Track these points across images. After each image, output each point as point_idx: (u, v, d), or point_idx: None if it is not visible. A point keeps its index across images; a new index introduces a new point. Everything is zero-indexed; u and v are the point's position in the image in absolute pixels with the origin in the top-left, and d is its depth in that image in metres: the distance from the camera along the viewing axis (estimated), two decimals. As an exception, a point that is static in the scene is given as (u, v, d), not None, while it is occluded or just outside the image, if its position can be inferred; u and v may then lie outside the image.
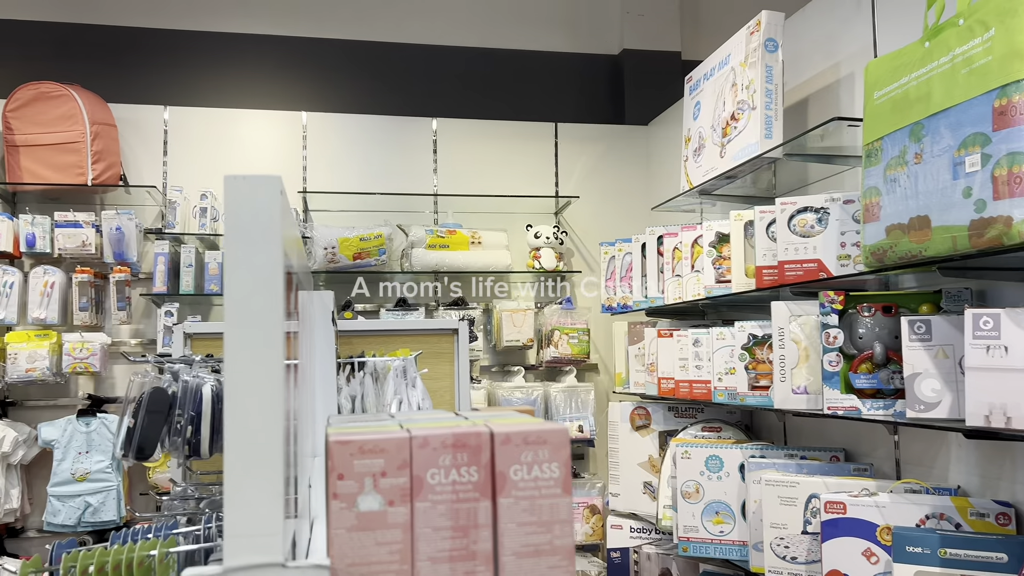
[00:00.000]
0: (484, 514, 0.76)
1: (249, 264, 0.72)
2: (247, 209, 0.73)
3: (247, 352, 0.71)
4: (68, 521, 3.67)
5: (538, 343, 4.27)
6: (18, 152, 3.82)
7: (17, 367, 3.69)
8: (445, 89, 4.70)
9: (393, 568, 0.74)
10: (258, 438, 0.70)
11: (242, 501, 0.69)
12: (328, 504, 0.75)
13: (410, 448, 0.76)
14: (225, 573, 0.69)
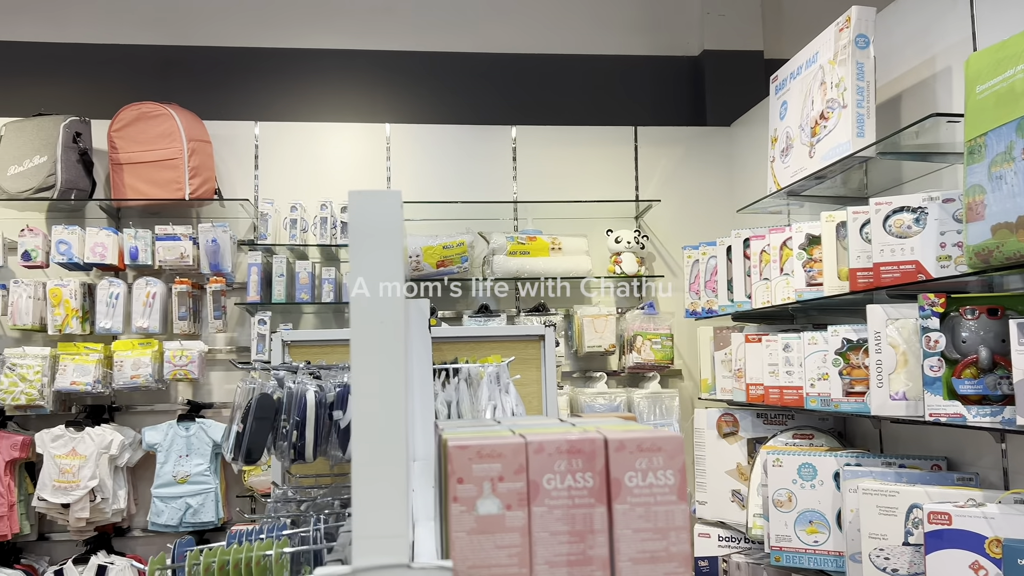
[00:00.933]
0: (600, 520, 0.77)
1: (373, 274, 0.75)
2: (370, 221, 0.76)
3: (373, 358, 0.74)
4: (170, 521, 3.84)
5: (620, 349, 4.25)
6: (122, 170, 4.03)
7: (123, 374, 3.89)
8: (524, 96, 4.74)
9: (512, 571, 0.76)
10: (383, 442, 0.73)
11: (369, 503, 0.72)
12: (448, 507, 0.77)
13: (526, 453, 0.77)
14: (354, 573, 0.71)
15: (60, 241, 3.90)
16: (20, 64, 4.39)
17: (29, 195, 3.92)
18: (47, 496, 3.74)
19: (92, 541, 3.87)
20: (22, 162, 3.92)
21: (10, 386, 3.75)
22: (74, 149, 3.98)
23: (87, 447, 3.77)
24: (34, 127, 3.96)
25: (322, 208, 4.15)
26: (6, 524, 3.71)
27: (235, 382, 4.24)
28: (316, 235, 4.16)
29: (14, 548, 3.90)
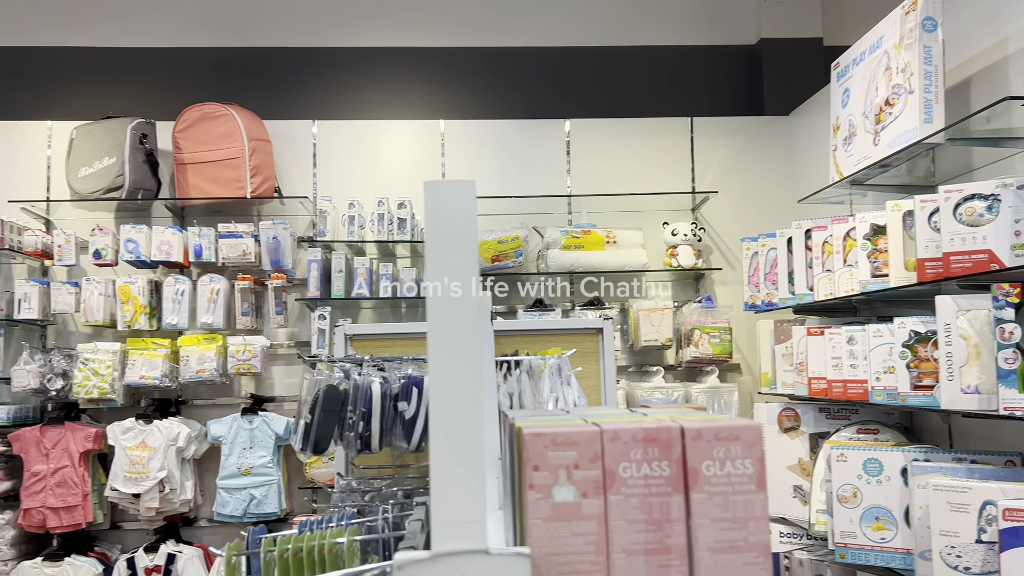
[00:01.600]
0: (677, 509, 0.77)
1: (448, 263, 0.76)
2: (445, 212, 0.77)
3: (449, 348, 0.75)
4: (235, 512, 3.94)
5: (677, 343, 4.21)
6: (186, 169, 4.14)
7: (189, 368, 4.00)
8: (577, 90, 4.72)
9: (589, 559, 0.76)
10: (461, 429, 0.74)
11: (448, 490, 0.73)
12: (524, 494, 0.77)
13: (601, 442, 0.77)
14: (434, 558, 0.72)
15: (128, 240, 4.03)
16: (89, 69, 4.54)
17: (99, 195, 4.05)
18: (119, 486, 3.87)
19: (161, 530, 3.99)
20: (92, 164, 4.06)
21: (83, 380, 3.89)
22: (141, 150, 4.10)
23: (156, 439, 3.89)
24: (103, 130, 4.09)
25: (379, 204, 4.20)
26: (80, 513, 3.85)
27: (296, 376, 4.33)
28: (373, 231, 4.21)
29: (88, 536, 4.04)
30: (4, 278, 4.23)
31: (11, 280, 4.19)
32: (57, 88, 4.52)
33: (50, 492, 3.82)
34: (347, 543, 1.18)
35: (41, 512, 3.80)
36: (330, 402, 1.65)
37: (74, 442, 3.88)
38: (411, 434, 1.66)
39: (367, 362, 1.76)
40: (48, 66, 4.53)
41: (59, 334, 4.24)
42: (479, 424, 0.74)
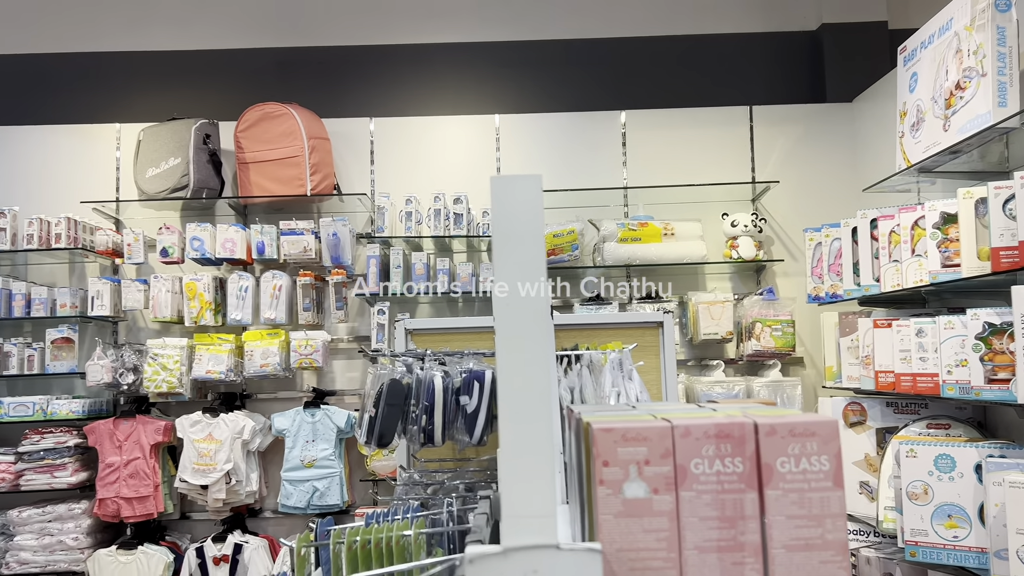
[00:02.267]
0: (751, 505, 0.75)
1: (515, 258, 0.76)
2: (511, 207, 0.77)
3: (518, 341, 0.75)
4: (299, 504, 4.02)
5: (737, 336, 4.14)
6: (248, 168, 4.23)
7: (253, 363, 4.09)
8: (633, 81, 4.67)
9: (661, 555, 0.75)
10: (531, 423, 0.74)
11: (518, 485, 0.73)
12: (594, 490, 0.77)
13: (672, 437, 0.76)
14: (505, 552, 0.73)
15: (194, 238, 4.14)
16: (154, 72, 4.67)
17: (165, 195, 4.17)
18: (188, 477, 3.98)
19: (228, 521, 4.10)
20: (158, 164, 4.18)
21: (153, 375, 4.02)
22: (204, 150, 4.21)
23: (222, 432, 4.00)
24: (168, 131, 4.21)
25: (435, 200, 4.23)
26: (152, 503, 3.98)
27: (356, 371, 4.39)
28: (430, 227, 4.24)
29: (159, 526, 4.18)
30: (78, 276, 4.39)
31: (84, 278, 4.35)
32: (124, 92, 4.66)
33: (123, 483, 3.95)
34: (414, 536, 1.20)
35: (115, 502, 3.94)
36: (394, 396, 1.67)
37: (145, 435, 4.01)
38: (473, 428, 1.67)
39: (429, 356, 1.78)
40: (116, 71, 4.68)
41: (129, 330, 4.38)
42: (549, 420, 0.74)
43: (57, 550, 3.90)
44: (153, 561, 3.90)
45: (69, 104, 4.62)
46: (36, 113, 4.57)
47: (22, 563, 3.88)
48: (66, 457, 3.97)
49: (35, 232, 4.08)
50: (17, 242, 4.11)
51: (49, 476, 3.94)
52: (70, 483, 3.95)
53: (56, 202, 4.33)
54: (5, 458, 3.95)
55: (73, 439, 3.99)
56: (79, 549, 3.92)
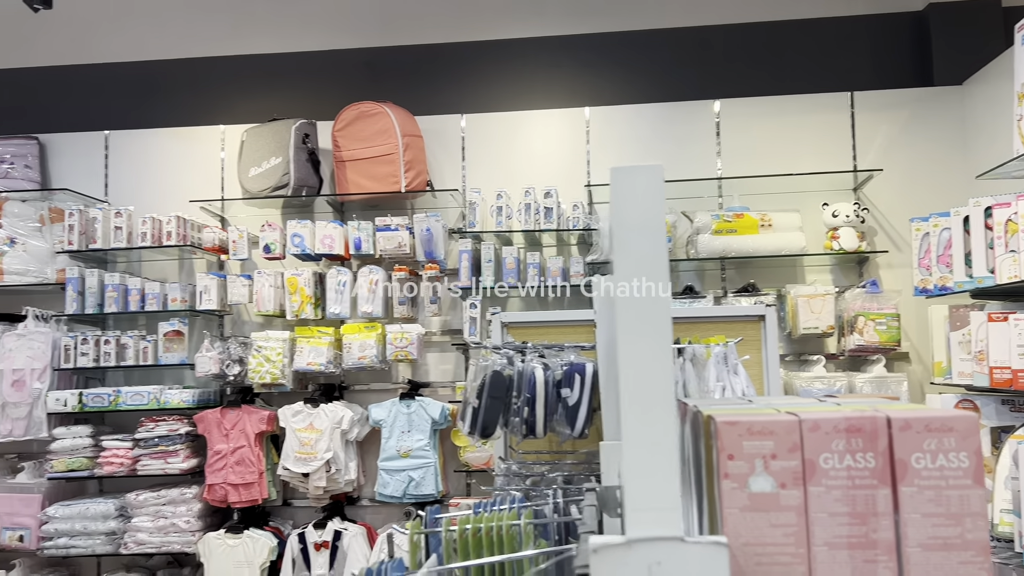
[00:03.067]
0: (884, 502, 0.73)
1: (637, 250, 0.76)
2: (632, 198, 0.76)
3: (639, 332, 0.74)
4: (395, 493, 4.11)
5: (839, 330, 4.00)
6: (344, 167, 4.35)
7: (351, 355, 4.21)
8: (726, 69, 4.57)
9: (788, 550, 0.74)
10: (654, 415, 0.73)
11: (642, 476, 0.73)
12: (718, 484, 0.76)
13: (800, 431, 0.75)
14: (628, 544, 0.73)
15: (294, 234, 4.28)
16: (255, 75, 4.85)
17: (267, 193, 4.33)
18: (290, 465, 4.13)
19: (328, 508, 4.23)
20: (260, 164, 4.34)
21: (257, 366, 4.18)
22: (304, 149, 4.35)
23: (322, 422, 4.13)
24: (269, 132, 4.36)
25: (526, 195, 4.24)
26: (257, 490, 4.15)
27: (449, 363, 4.46)
28: (520, 221, 4.26)
29: (263, 511, 4.35)
30: (187, 272, 4.61)
31: (193, 274, 4.57)
32: (227, 94, 4.85)
33: (230, 469, 4.13)
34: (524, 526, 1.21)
35: (223, 488, 4.13)
36: (496, 388, 1.69)
37: (250, 424, 4.18)
38: (575, 420, 1.67)
39: (529, 349, 1.79)
40: (218, 74, 4.88)
41: (234, 323, 4.57)
42: (672, 414, 0.74)
43: (171, 532, 4.11)
44: (258, 545, 4.06)
45: (176, 108, 4.85)
46: (147, 118, 4.81)
47: (139, 543, 4.10)
48: (178, 444, 4.17)
49: (148, 230, 4.30)
50: (132, 240, 4.35)
51: (163, 462, 4.16)
52: (182, 469, 4.15)
53: (166, 201, 4.55)
54: (123, 444, 4.18)
55: (184, 427, 4.20)
56: (190, 531, 4.12)
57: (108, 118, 4.83)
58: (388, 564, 1.26)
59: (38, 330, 4.27)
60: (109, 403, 4.17)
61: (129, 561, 4.31)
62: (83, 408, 4.18)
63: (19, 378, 4.22)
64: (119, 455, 4.16)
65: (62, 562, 4.41)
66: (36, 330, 4.27)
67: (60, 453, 4.18)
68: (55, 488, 4.27)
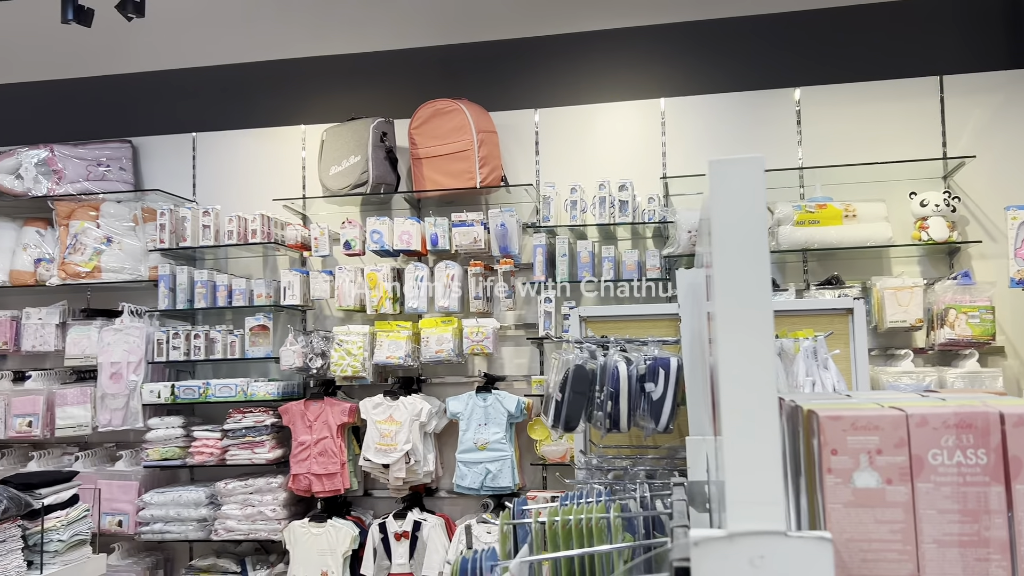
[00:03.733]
0: (996, 500, 0.71)
1: (736, 244, 0.75)
2: (732, 190, 0.76)
3: (740, 325, 0.74)
4: (473, 485, 4.16)
5: (928, 324, 3.86)
6: (421, 164, 4.41)
7: (429, 349, 4.28)
8: (807, 56, 4.45)
9: (895, 547, 0.73)
10: (756, 408, 0.73)
11: (743, 469, 0.73)
12: (821, 478, 0.75)
13: (907, 427, 0.73)
14: (730, 537, 0.73)
15: (373, 231, 4.37)
16: (334, 75, 4.97)
17: (347, 191, 4.43)
18: (371, 456, 4.23)
19: (407, 499, 4.32)
20: (340, 162, 4.44)
21: (339, 360, 4.29)
22: (382, 148, 4.43)
23: (401, 414, 4.21)
24: (348, 131, 4.46)
25: (600, 188, 4.23)
26: (339, 480, 4.26)
27: (524, 357, 4.49)
28: (595, 215, 4.25)
29: (345, 501, 4.46)
30: (271, 268, 4.76)
31: (276, 270, 4.71)
32: (308, 95, 4.98)
33: (314, 460, 4.25)
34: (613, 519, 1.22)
35: (307, 478, 4.25)
36: (579, 382, 1.69)
37: (332, 416, 4.29)
38: (659, 415, 1.67)
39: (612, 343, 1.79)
40: (299, 76, 5.01)
41: (316, 318, 4.70)
42: (775, 408, 0.73)
43: (258, 520, 4.26)
44: (341, 534, 4.17)
45: (259, 109, 5.00)
46: (232, 119, 4.98)
47: (228, 530, 4.27)
48: (264, 435, 4.32)
49: (234, 228, 4.46)
50: (219, 238, 4.51)
51: (250, 452, 4.31)
52: (268, 459, 4.30)
53: (251, 200, 4.71)
54: (213, 434, 4.35)
55: (269, 418, 4.34)
56: (276, 520, 4.26)
57: (196, 120, 5.02)
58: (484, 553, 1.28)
59: (133, 325, 4.48)
60: (199, 395, 4.35)
61: (219, 547, 4.49)
62: (175, 400, 4.37)
63: (116, 371, 4.43)
64: (209, 445, 4.33)
65: (157, 546, 4.62)
66: (131, 325, 4.47)
67: (155, 443, 4.38)
68: (150, 476, 4.48)
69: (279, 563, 4.37)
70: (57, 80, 5.26)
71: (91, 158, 4.78)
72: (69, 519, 3.38)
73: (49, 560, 3.26)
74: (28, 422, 4.52)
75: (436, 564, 4.10)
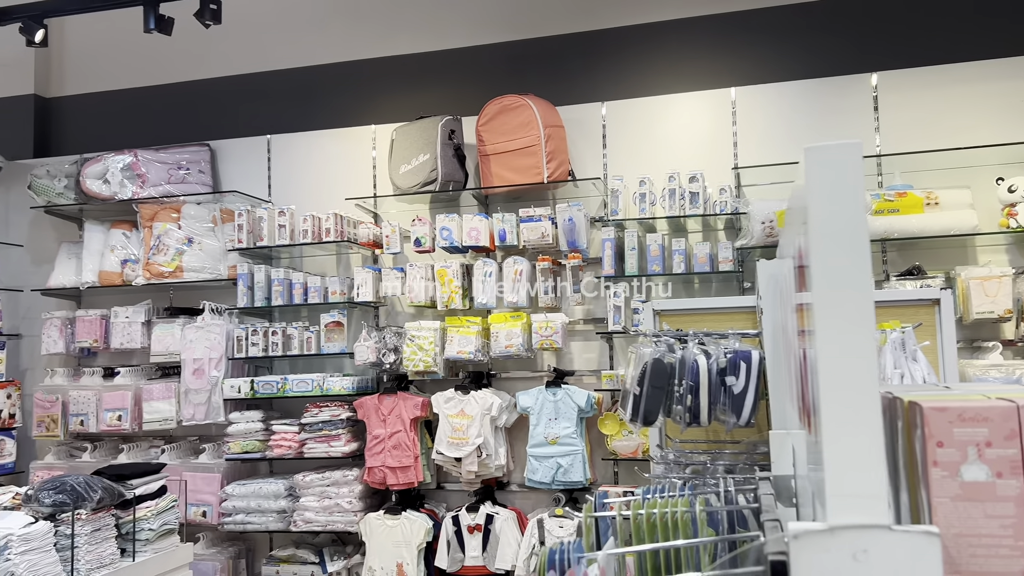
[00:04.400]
0: (1118, 495, 0.68)
1: (834, 230, 0.74)
2: (829, 178, 0.75)
3: (840, 316, 0.73)
4: (544, 479, 4.18)
5: (1017, 315, 3.70)
6: (488, 160, 4.44)
7: (498, 344, 4.30)
8: (883, 40, 4.31)
9: (1007, 543, 0.70)
10: (857, 399, 0.72)
11: (844, 461, 0.72)
12: (926, 472, 0.73)
13: (1019, 418, 0.71)
14: (831, 531, 0.72)
15: (443, 228, 4.42)
16: (402, 75, 5.03)
17: (416, 189, 4.49)
18: (443, 450, 4.28)
19: (479, 492, 4.35)
20: (410, 161, 4.50)
21: (411, 355, 4.35)
22: (450, 145, 4.47)
23: (473, 408, 4.25)
24: (417, 129, 4.52)
25: (669, 180, 4.18)
26: (412, 473, 4.33)
27: (593, 351, 4.47)
28: (664, 207, 4.21)
29: (418, 494, 4.53)
30: (344, 266, 4.86)
31: (349, 268, 4.81)
32: (377, 95, 5.06)
33: (388, 453, 4.33)
34: (699, 513, 1.21)
35: (382, 471, 4.33)
36: (657, 376, 1.68)
37: (405, 409, 4.36)
38: (740, 408, 1.65)
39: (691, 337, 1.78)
40: (368, 76, 5.09)
41: (388, 314, 4.78)
42: (876, 398, 0.71)
43: (335, 512, 4.36)
44: (415, 526, 4.24)
45: (331, 110, 5.11)
46: (304, 121, 5.09)
47: (307, 522, 4.38)
48: (340, 429, 4.42)
49: (309, 227, 4.56)
50: (295, 237, 4.63)
51: (326, 445, 4.41)
52: (343, 452, 4.39)
53: (324, 199, 4.81)
54: (291, 428, 4.47)
55: (345, 412, 4.43)
56: (352, 512, 4.35)
57: (270, 123, 5.15)
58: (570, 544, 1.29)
59: (214, 322, 4.63)
60: (277, 390, 4.48)
61: (298, 538, 4.61)
62: (254, 394, 4.51)
63: (199, 367, 4.59)
64: (287, 438, 4.46)
65: (239, 536, 4.77)
66: (212, 322, 4.63)
67: (236, 436, 4.52)
68: (231, 468, 4.63)
69: (355, 554, 4.47)
70: (139, 88, 5.47)
71: (172, 162, 4.96)
72: (159, 509, 3.52)
73: (140, 548, 3.40)
74: (118, 416, 4.73)
75: (509, 557, 4.13)
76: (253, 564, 4.80)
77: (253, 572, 4.78)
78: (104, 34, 5.51)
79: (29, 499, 3.14)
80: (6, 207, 5.40)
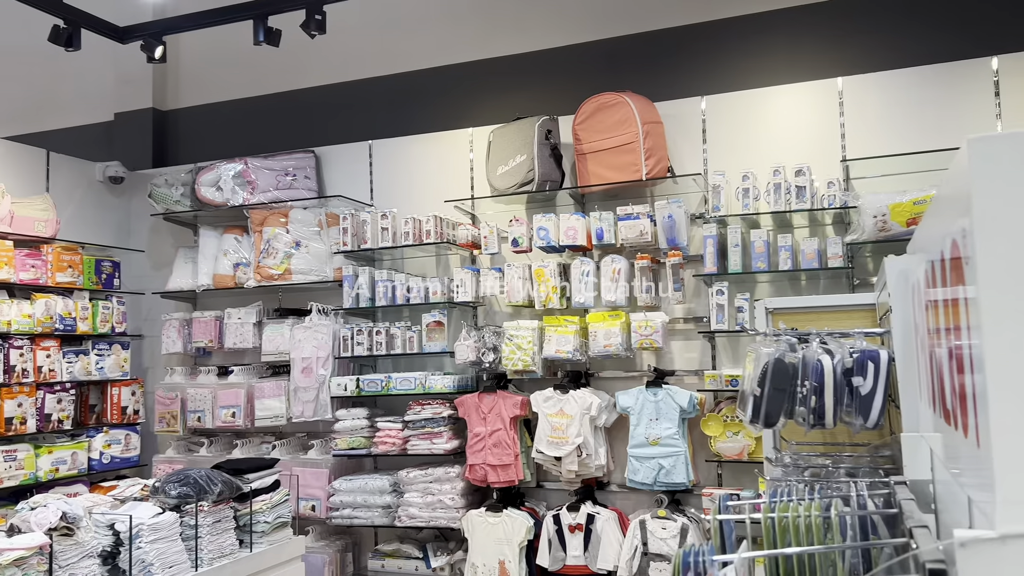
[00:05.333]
0: None
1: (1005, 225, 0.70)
2: (996, 170, 0.71)
3: (1010, 312, 0.69)
4: (645, 480, 4.14)
5: None
6: (585, 159, 4.43)
7: (596, 343, 4.29)
8: (1005, 19, 4.08)
9: None
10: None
11: (1017, 465, 0.68)
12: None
13: None
14: (1003, 539, 0.68)
15: (540, 228, 4.43)
16: (498, 77, 5.08)
17: (513, 190, 4.52)
18: (543, 449, 4.30)
19: (579, 492, 4.35)
20: (507, 162, 4.54)
21: (510, 354, 4.39)
22: (547, 145, 4.48)
23: (572, 408, 4.24)
24: (514, 131, 4.55)
25: (774, 174, 4.07)
26: (513, 471, 4.36)
27: (694, 351, 4.40)
28: (769, 203, 4.10)
29: (519, 492, 4.56)
30: (443, 267, 4.94)
31: (449, 268, 4.89)
32: (474, 98, 5.13)
33: (488, 451, 4.38)
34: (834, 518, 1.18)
35: (482, 468, 4.38)
36: (779, 377, 1.64)
37: (505, 408, 4.40)
38: (868, 410, 1.59)
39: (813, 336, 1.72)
40: (465, 79, 5.16)
41: (487, 313, 4.83)
42: (1053, 399, 0.68)
43: (437, 508, 4.44)
44: (516, 524, 4.27)
45: (429, 114, 5.20)
46: (404, 126, 5.21)
47: (411, 517, 4.48)
48: (441, 426, 4.50)
49: (410, 230, 4.66)
50: (396, 239, 4.74)
51: (428, 442, 4.50)
52: (445, 449, 4.47)
53: (424, 202, 4.90)
54: (394, 425, 4.58)
55: (446, 410, 4.51)
56: (455, 508, 4.42)
57: (370, 128, 5.29)
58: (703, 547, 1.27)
59: (321, 323, 4.79)
60: (381, 388, 4.59)
61: (402, 533, 4.72)
62: (360, 392, 4.64)
63: (307, 366, 4.76)
64: (391, 435, 4.56)
65: (346, 530, 4.92)
66: (319, 323, 4.79)
67: (342, 433, 4.66)
68: (338, 464, 4.78)
69: (458, 550, 4.53)
70: (247, 98, 5.71)
71: (279, 168, 5.15)
72: (273, 502, 3.67)
73: (257, 540, 3.55)
74: (232, 413, 4.95)
75: (611, 558, 4.11)
76: (359, 557, 4.94)
77: (359, 565, 4.92)
78: (214, 48, 5.78)
79: (156, 491, 3.32)
80: (128, 215, 5.73)
